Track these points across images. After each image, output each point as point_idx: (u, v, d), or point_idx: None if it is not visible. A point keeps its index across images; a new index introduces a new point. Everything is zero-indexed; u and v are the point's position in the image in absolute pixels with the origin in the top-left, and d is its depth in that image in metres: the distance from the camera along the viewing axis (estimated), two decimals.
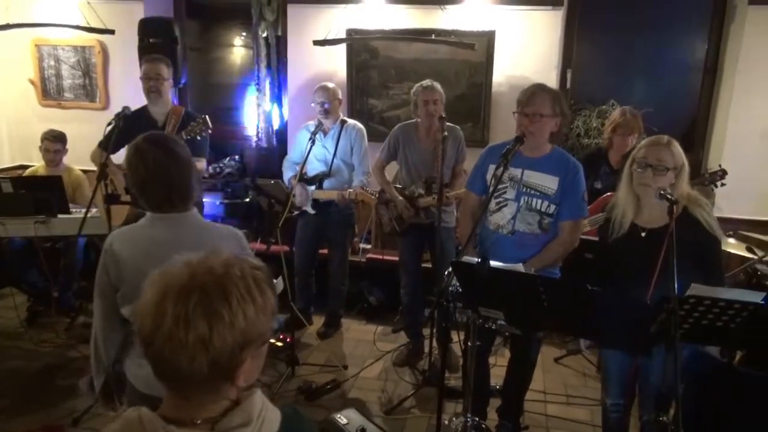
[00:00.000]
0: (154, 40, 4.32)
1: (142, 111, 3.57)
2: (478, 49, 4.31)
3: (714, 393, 2.16)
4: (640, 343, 1.93)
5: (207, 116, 3.45)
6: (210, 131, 3.45)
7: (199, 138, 3.40)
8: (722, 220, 3.85)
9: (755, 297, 1.81)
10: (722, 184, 3.61)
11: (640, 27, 4.63)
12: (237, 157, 5.18)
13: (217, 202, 4.77)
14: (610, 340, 2.32)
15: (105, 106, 5.12)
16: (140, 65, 3.61)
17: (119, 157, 3.63)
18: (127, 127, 3.25)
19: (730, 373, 2.18)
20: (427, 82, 3.55)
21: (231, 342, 0.94)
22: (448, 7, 4.36)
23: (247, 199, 4.67)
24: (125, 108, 3.37)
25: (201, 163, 3.51)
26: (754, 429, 2.11)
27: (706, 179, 3.59)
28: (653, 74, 4.68)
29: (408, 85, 4.45)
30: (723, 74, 4.41)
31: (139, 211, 2.09)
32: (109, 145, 3.31)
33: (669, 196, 2.06)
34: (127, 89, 4.80)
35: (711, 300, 1.81)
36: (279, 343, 3.82)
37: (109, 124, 3.32)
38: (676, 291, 1.77)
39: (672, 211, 2.02)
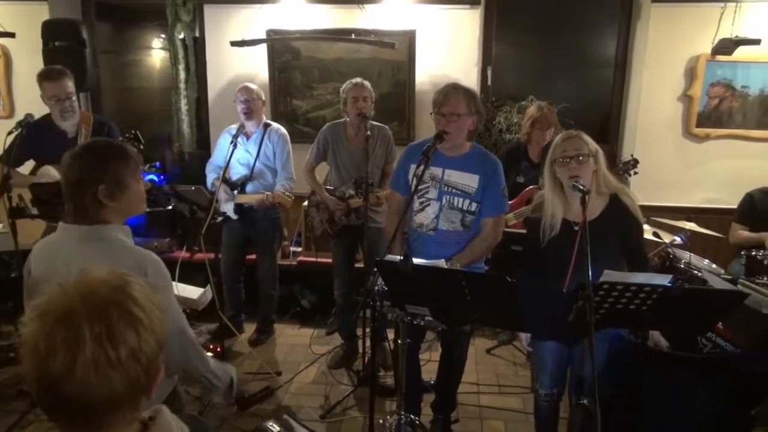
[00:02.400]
0: (60, 43, 4.08)
1: (49, 122, 3.30)
2: (400, 48, 4.35)
3: (631, 373, 2.26)
4: (562, 331, 1.99)
5: (137, 131, 3.29)
6: (142, 146, 3.29)
7: None
8: None
9: (663, 280, 1.90)
10: (635, 173, 3.80)
11: (555, 25, 4.80)
12: (157, 163, 4.99)
13: None
14: (534, 330, 2.39)
15: (9, 114, 4.82)
16: (39, 81, 3.24)
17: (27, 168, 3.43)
18: (33, 138, 3.05)
19: (644, 353, 2.29)
20: (357, 79, 3.53)
21: (154, 346, 0.90)
22: (367, 6, 4.37)
23: (170, 207, 4.50)
24: (28, 116, 3.14)
25: None
26: (667, 403, 2.22)
27: (620, 168, 3.76)
28: (569, 70, 4.85)
29: (332, 86, 4.44)
30: (632, 69, 4.64)
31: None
32: (10, 157, 3.08)
33: (581, 188, 2.14)
34: (32, 95, 4.50)
35: (623, 285, 1.88)
36: (209, 354, 3.69)
37: (9, 133, 3.10)
38: (595, 279, 1.84)
39: (585, 201, 2.09)
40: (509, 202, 3.29)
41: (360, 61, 4.51)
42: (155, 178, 4.83)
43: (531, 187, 3.66)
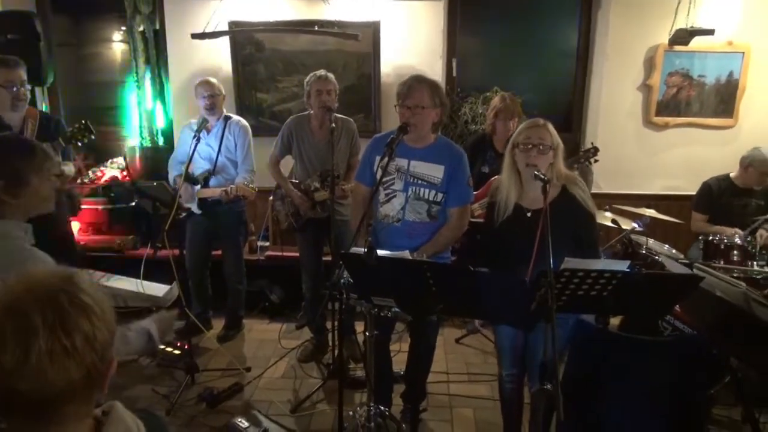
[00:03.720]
0: (12, 36, 3.94)
1: None
2: (364, 39, 4.33)
3: (592, 358, 2.32)
4: (525, 319, 2.03)
5: (87, 120, 3.22)
6: (93, 137, 3.22)
7: (80, 144, 3.19)
8: (600, 196, 4.17)
9: (622, 266, 1.95)
10: (595, 161, 3.87)
11: (518, 17, 4.85)
12: (119, 159, 4.88)
13: (100, 208, 4.47)
14: (498, 318, 2.42)
15: None
16: None
17: None
18: None
19: (605, 338, 2.34)
20: (320, 72, 3.50)
21: (106, 335, 0.89)
22: None
23: (132, 204, 4.41)
24: None
25: (68, 167, 3.28)
26: (629, 386, 2.28)
27: (581, 157, 3.83)
28: (533, 61, 4.91)
29: (297, 78, 4.40)
30: (593, 59, 4.72)
31: None
32: None
33: (542, 177, 2.18)
34: None
35: (584, 272, 1.92)
36: (176, 351, 3.66)
37: None
38: (553, 266, 1.87)
39: (546, 191, 2.13)
40: (475, 193, 3.32)
41: (325, 53, 4.48)
42: (117, 175, 4.74)
43: (496, 177, 3.69)
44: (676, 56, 4.48)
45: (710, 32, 4.18)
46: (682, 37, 4.26)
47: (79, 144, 3.25)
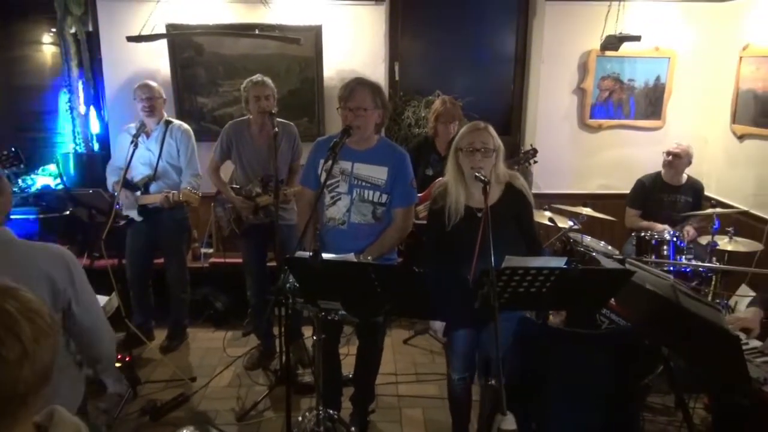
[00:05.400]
0: None
1: None
2: (306, 43, 4.32)
3: (534, 352, 2.39)
4: (470, 317, 2.07)
5: (18, 148, 3.08)
6: (23, 166, 3.08)
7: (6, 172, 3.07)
8: (539, 196, 4.30)
9: (559, 262, 2.02)
10: (534, 162, 4.00)
11: (458, 21, 4.94)
12: (52, 166, 4.68)
13: (31, 218, 4.27)
14: (445, 318, 2.46)
15: None
16: None
17: None
18: None
19: (545, 333, 2.43)
20: (257, 77, 3.48)
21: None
22: (272, 2, 4.31)
23: (67, 212, 4.24)
24: None
25: None
26: (570, 378, 2.37)
27: (521, 158, 3.95)
28: (473, 65, 5.03)
29: (239, 82, 4.29)
30: (530, 64, 4.87)
31: None
32: None
33: (483, 178, 2.24)
34: None
35: (523, 269, 1.98)
36: (116, 365, 3.53)
37: None
38: (498, 264, 1.92)
39: (486, 192, 2.19)
40: (419, 195, 3.37)
41: (267, 57, 4.44)
42: (49, 182, 4.54)
43: (440, 179, 3.76)
44: (608, 61, 4.68)
45: (637, 38, 4.39)
46: (612, 42, 4.46)
47: (6, 171, 3.10)
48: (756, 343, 2.34)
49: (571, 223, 3.80)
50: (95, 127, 4.72)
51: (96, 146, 4.75)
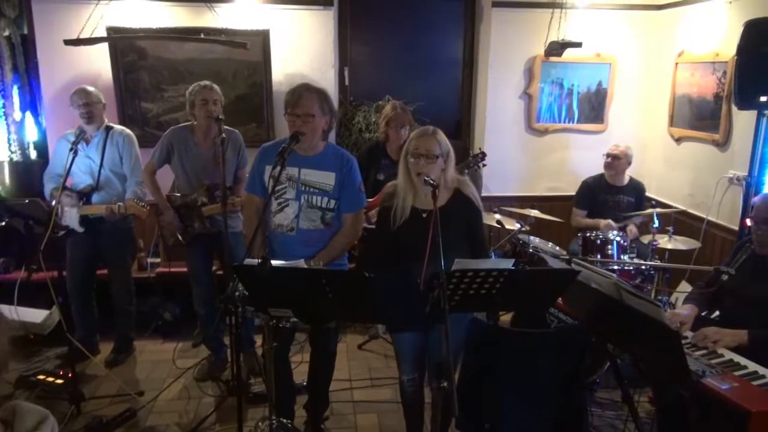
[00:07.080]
0: None
1: None
2: (254, 48, 4.27)
3: (486, 353, 2.42)
4: (421, 321, 2.08)
5: None
6: None
7: None
8: (489, 198, 4.38)
9: (507, 264, 2.05)
10: (484, 165, 4.06)
11: (407, 27, 4.98)
12: None
13: None
14: (396, 322, 2.46)
15: None
16: None
17: None
18: None
19: (496, 333, 2.46)
20: (204, 81, 3.42)
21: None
22: (217, 6, 4.24)
23: (2, 223, 4.04)
24: None
25: None
26: (520, 377, 2.41)
27: (471, 162, 4.00)
28: (422, 70, 5.07)
29: (184, 87, 4.19)
30: (478, 69, 4.95)
31: None
32: None
33: (432, 182, 2.26)
34: None
35: (473, 271, 2.01)
36: (58, 381, 3.39)
37: None
38: (445, 267, 1.93)
39: (435, 195, 2.21)
40: (370, 200, 3.37)
41: (213, 62, 4.36)
42: None
43: (391, 183, 3.76)
44: (552, 66, 4.81)
45: (578, 45, 4.53)
46: (555, 49, 4.59)
47: None
48: (689, 334, 2.47)
49: (518, 225, 3.88)
50: (32, 134, 4.52)
51: (33, 154, 4.55)
